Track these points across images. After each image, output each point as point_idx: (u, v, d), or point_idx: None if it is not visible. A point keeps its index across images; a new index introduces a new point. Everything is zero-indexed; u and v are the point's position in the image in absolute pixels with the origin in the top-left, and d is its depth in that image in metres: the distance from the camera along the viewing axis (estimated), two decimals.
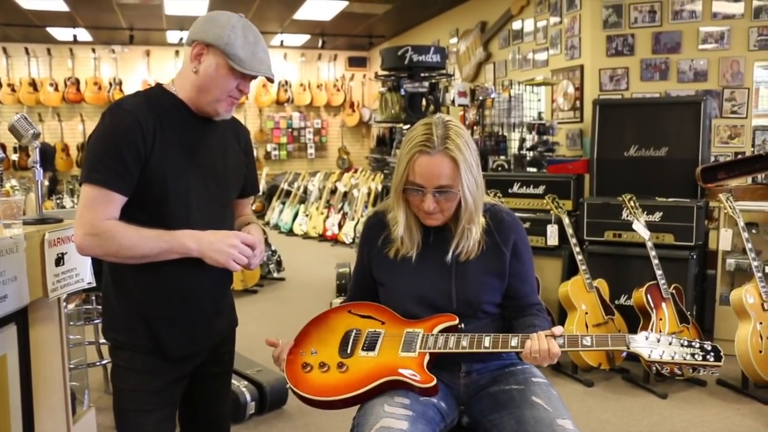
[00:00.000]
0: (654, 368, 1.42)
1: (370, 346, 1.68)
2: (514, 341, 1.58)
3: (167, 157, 1.59)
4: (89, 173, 1.54)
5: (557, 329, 1.55)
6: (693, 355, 1.46)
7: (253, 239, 1.66)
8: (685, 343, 1.48)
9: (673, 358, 1.46)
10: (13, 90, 10.31)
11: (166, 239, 1.56)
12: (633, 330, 3.51)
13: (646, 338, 1.50)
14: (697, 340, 1.49)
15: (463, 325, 1.68)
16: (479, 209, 1.72)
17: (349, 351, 1.68)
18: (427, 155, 1.63)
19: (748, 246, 3.43)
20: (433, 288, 1.73)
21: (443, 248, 1.74)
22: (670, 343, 1.48)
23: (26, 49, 10.37)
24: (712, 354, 1.45)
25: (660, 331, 3.36)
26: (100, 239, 1.54)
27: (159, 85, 1.70)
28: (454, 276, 1.73)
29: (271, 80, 1.68)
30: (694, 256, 3.73)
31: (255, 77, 1.65)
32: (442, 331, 1.66)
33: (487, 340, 1.60)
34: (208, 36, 1.59)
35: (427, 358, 1.61)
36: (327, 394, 1.59)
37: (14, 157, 9.94)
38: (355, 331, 1.73)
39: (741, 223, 3.49)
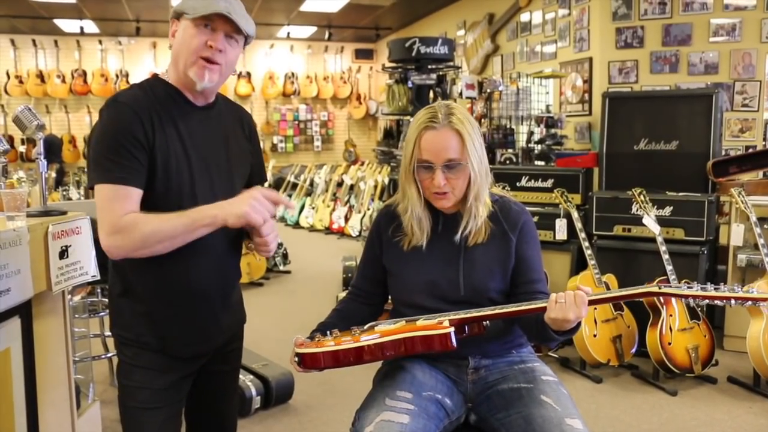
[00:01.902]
0: (690, 301, 1.43)
1: (388, 324, 1.65)
2: (537, 303, 1.56)
3: (168, 148, 1.56)
4: (99, 173, 1.50)
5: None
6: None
7: (275, 194, 1.57)
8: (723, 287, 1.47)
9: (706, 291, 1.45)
10: (21, 82, 10.35)
11: (187, 214, 1.50)
12: (642, 326, 3.48)
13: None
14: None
15: (487, 323, 1.63)
16: (485, 187, 1.72)
17: (365, 328, 1.65)
18: (433, 130, 1.66)
19: (761, 241, 3.38)
20: (441, 275, 1.71)
21: (452, 234, 1.73)
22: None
23: (33, 41, 10.38)
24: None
25: (670, 329, 3.33)
26: (123, 234, 1.48)
27: (155, 75, 1.67)
28: (461, 263, 1.71)
29: (238, 29, 1.57)
30: (705, 252, 3.68)
31: (222, 28, 1.55)
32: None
33: (509, 306, 1.59)
34: (174, 10, 1.60)
35: (445, 322, 1.54)
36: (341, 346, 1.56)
37: (21, 148, 9.96)
38: None
39: (753, 218, 3.44)
